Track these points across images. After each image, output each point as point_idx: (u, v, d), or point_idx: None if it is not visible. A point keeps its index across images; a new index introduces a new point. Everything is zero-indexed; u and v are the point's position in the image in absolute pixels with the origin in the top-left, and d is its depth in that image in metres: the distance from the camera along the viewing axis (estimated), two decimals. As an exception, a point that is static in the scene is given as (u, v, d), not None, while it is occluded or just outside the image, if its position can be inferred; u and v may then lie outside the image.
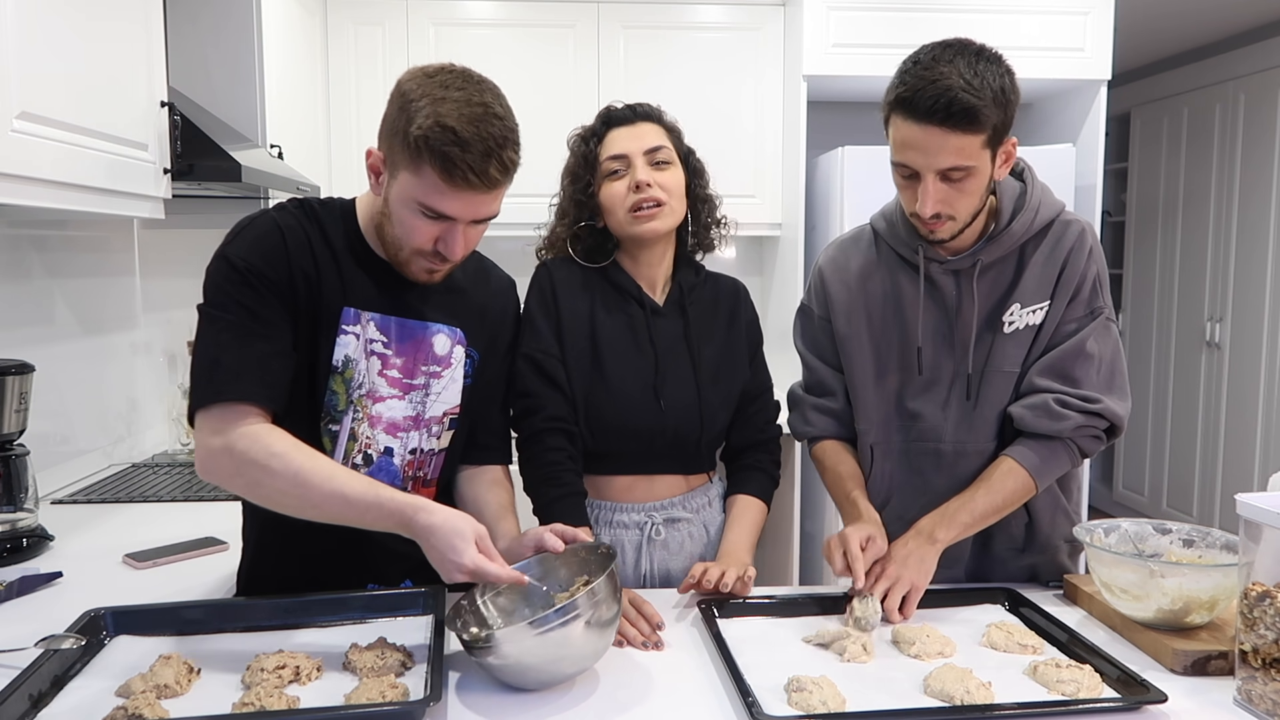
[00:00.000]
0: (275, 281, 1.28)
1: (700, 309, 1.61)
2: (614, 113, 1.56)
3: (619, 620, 1.18)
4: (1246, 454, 4.30)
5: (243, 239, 1.29)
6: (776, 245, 3.57)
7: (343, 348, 1.33)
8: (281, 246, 1.29)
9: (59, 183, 1.58)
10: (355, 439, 1.36)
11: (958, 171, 1.35)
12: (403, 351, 1.37)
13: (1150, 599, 1.26)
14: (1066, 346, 1.46)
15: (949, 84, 1.30)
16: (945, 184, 1.36)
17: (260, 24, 2.58)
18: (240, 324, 1.25)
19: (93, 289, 2.35)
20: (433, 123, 1.19)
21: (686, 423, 1.55)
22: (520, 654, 1.10)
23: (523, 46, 3.33)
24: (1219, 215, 4.44)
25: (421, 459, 1.41)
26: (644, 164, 1.51)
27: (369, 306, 1.34)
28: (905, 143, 1.35)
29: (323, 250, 1.33)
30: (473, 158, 1.19)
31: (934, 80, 1.30)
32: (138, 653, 1.20)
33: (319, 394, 1.33)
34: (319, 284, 1.31)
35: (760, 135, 3.42)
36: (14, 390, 1.71)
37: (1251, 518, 1.12)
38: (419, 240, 1.28)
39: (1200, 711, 1.11)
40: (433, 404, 1.40)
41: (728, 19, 3.38)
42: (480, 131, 1.19)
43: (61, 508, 2.01)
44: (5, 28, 1.41)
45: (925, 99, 1.30)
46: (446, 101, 1.20)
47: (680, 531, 1.58)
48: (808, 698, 1.08)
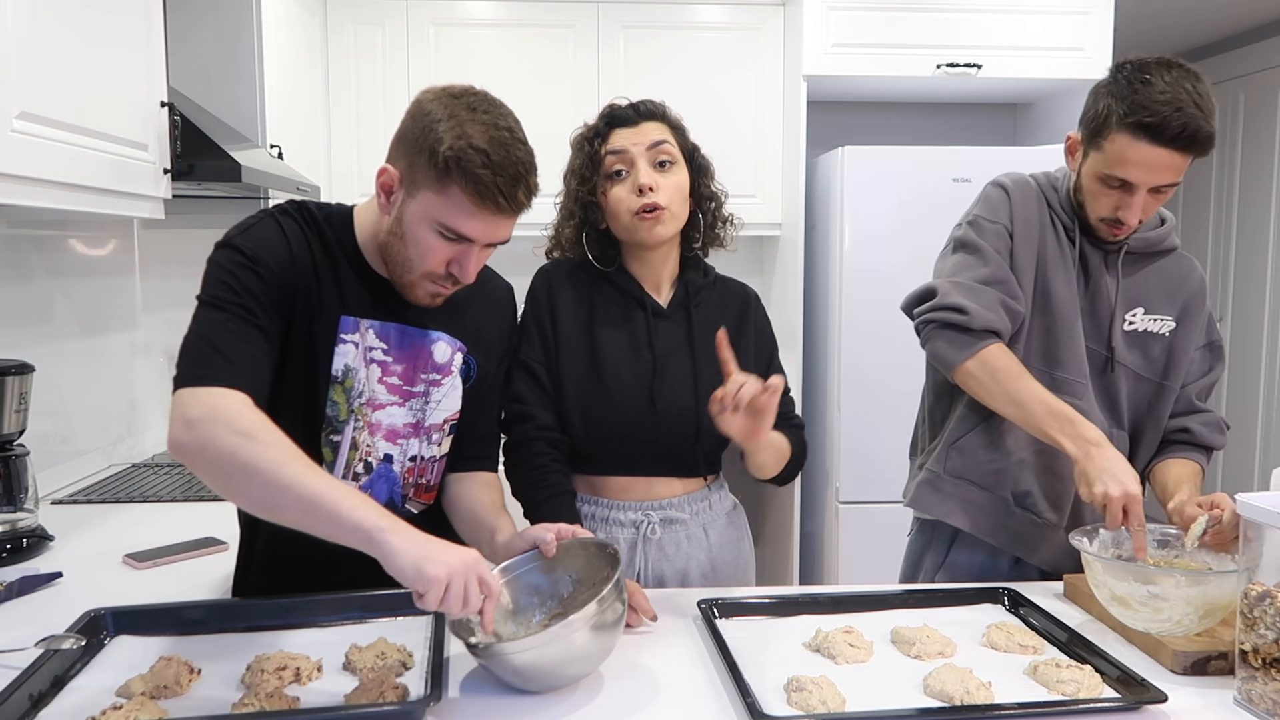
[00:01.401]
0: (280, 278, 1.25)
1: (706, 312, 1.59)
2: (617, 112, 1.55)
3: (623, 621, 1.18)
4: (1246, 454, 4.30)
5: (249, 235, 1.26)
6: (777, 245, 3.57)
7: (342, 357, 1.32)
8: (286, 247, 1.27)
9: (59, 183, 1.58)
10: (356, 448, 1.35)
11: (1169, 186, 1.46)
12: (403, 359, 1.36)
13: (1167, 609, 1.22)
14: (1214, 375, 1.66)
15: (1190, 113, 1.38)
16: (1151, 195, 1.46)
17: (260, 24, 2.58)
18: (241, 314, 1.20)
19: (93, 289, 2.35)
20: (465, 144, 1.17)
21: (681, 427, 1.54)
22: (526, 661, 1.10)
23: (523, 46, 3.33)
24: (1219, 215, 4.44)
25: (423, 466, 1.41)
26: (647, 164, 1.50)
27: (368, 314, 1.33)
28: (1134, 161, 1.43)
29: (322, 257, 1.31)
30: (504, 181, 1.19)
31: (1177, 107, 1.38)
32: (138, 653, 1.20)
33: (320, 405, 1.32)
34: (318, 290, 1.30)
35: (760, 135, 3.42)
36: (14, 390, 1.71)
37: (1252, 518, 1.12)
38: (433, 262, 1.26)
39: (1200, 711, 1.11)
40: (433, 411, 1.39)
41: (728, 19, 3.38)
42: (510, 155, 1.19)
43: (61, 508, 2.01)
44: (5, 28, 1.41)
45: (1173, 126, 1.38)
46: (474, 124, 1.19)
47: (677, 533, 1.57)
48: (808, 698, 1.08)
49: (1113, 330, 1.59)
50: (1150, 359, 1.61)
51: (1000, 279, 1.55)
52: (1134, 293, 1.61)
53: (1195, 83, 1.41)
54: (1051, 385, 1.51)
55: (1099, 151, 1.47)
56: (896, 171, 3.08)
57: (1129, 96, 1.42)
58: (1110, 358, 1.59)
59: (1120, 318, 1.60)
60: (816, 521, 3.34)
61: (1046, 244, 1.60)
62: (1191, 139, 1.39)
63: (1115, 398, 1.61)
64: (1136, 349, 1.61)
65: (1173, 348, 1.62)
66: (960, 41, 3.19)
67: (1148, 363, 1.62)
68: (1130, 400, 1.62)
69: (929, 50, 3.19)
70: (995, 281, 1.54)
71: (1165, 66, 1.43)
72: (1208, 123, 1.40)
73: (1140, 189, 1.45)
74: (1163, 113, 1.38)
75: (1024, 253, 1.58)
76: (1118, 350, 1.59)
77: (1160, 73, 1.41)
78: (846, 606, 1.40)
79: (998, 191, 1.62)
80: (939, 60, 3.18)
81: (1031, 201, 1.61)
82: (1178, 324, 1.62)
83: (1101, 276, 1.59)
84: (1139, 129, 1.40)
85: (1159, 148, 1.40)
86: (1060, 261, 1.59)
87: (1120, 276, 1.59)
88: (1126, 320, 1.60)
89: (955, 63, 3.16)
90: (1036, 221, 1.60)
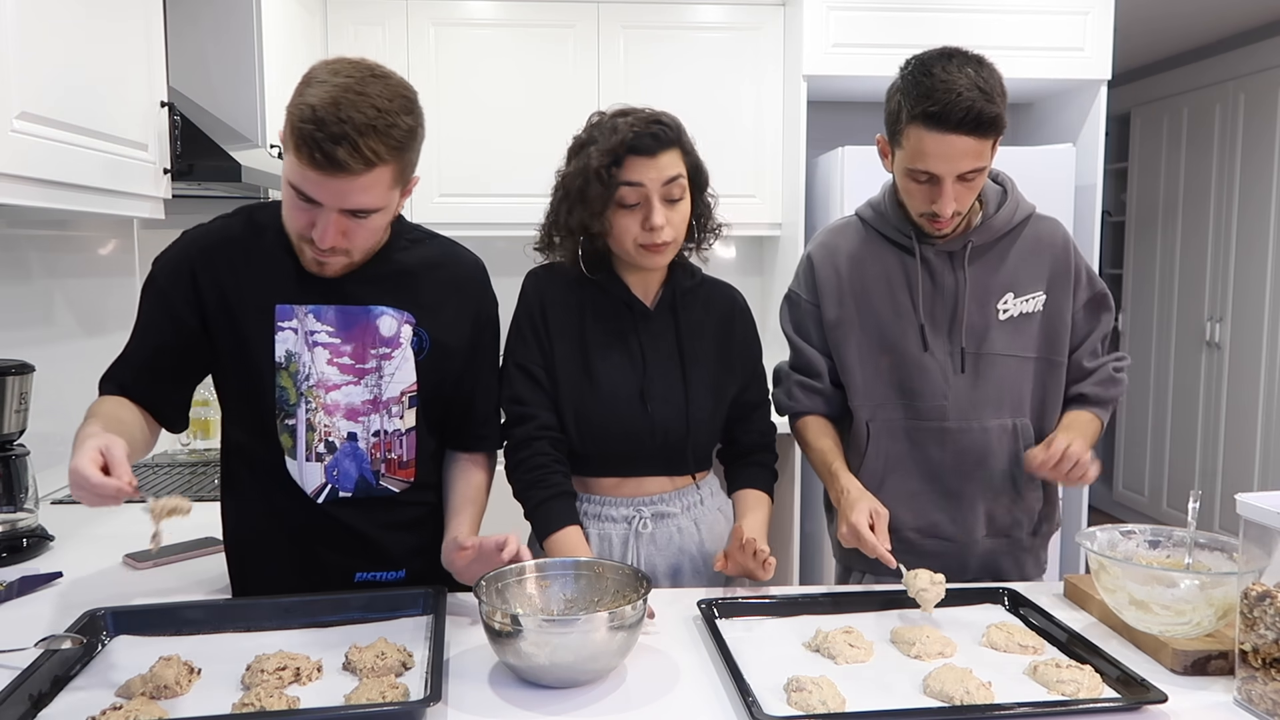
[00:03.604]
0: (174, 294, 1.38)
1: (692, 313, 1.60)
2: (634, 141, 1.44)
3: (639, 631, 1.20)
4: (1246, 454, 4.30)
5: (161, 256, 1.42)
6: (776, 245, 3.57)
7: (282, 343, 1.37)
8: (185, 263, 1.38)
9: (59, 183, 1.58)
10: (314, 429, 1.39)
11: (974, 172, 1.47)
12: (350, 338, 1.39)
13: (1189, 612, 1.21)
14: (1099, 331, 1.64)
15: (972, 96, 1.41)
16: (960, 184, 1.48)
17: (260, 24, 2.58)
18: (140, 326, 1.42)
19: (93, 289, 2.35)
20: (300, 101, 1.20)
21: (673, 427, 1.55)
22: (550, 651, 1.12)
23: (523, 46, 3.33)
24: (1219, 215, 4.44)
25: (388, 440, 1.43)
26: (660, 201, 1.46)
27: (305, 299, 1.38)
28: (930, 152, 1.45)
29: (255, 255, 1.38)
30: (323, 138, 1.18)
31: (958, 93, 1.41)
32: (138, 653, 1.20)
33: (268, 391, 1.38)
34: (239, 288, 1.37)
35: (760, 135, 3.42)
36: (14, 390, 1.71)
37: (1252, 518, 1.12)
38: (296, 224, 1.30)
39: (1200, 711, 1.11)
40: (388, 385, 1.42)
41: (728, 19, 3.38)
42: (340, 114, 1.18)
43: (61, 508, 2.01)
44: (5, 28, 1.41)
45: (955, 112, 1.41)
46: (326, 85, 1.20)
47: (669, 526, 1.58)
48: (807, 698, 1.08)
49: (979, 327, 1.59)
50: (1030, 339, 1.61)
51: (798, 363, 1.70)
52: (999, 280, 1.60)
53: (977, 68, 1.45)
54: (914, 415, 1.61)
55: (900, 149, 1.50)
56: (896, 171, 3.08)
57: (913, 90, 1.45)
58: (987, 354, 1.59)
59: (987, 317, 1.59)
60: (816, 522, 3.34)
61: (870, 286, 1.62)
62: (977, 121, 1.41)
63: (1005, 390, 1.60)
64: (1015, 334, 1.60)
65: (1049, 319, 1.61)
66: (960, 41, 3.10)
67: (1028, 344, 1.61)
68: (1024, 387, 1.62)
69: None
70: (796, 367, 1.71)
71: (947, 57, 1.46)
72: (992, 104, 1.42)
73: (946, 179, 1.46)
74: (944, 99, 1.41)
75: (838, 308, 1.63)
76: (993, 343, 1.59)
77: (941, 64, 1.45)
78: (846, 606, 1.41)
79: (803, 262, 1.72)
80: (939, 60, 3.18)
81: (841, 256, 1.65)
82: (1047, 293, 1.61)
83: (951, 278, 1.59)
84: (926, 119, 1.43)
85: (948, 135, 1.42)
86: (892, 295, 1.60)
87: (970, 274, 1.58)
88: (1000, 310, 1.59)
89: (955, 63, 3.16)
90: (849, 273, 1.63)
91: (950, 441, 1.61)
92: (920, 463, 1.63)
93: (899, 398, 1.62)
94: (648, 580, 1.24)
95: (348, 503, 1.43)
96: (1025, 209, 1.63)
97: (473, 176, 3.31)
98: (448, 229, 1.59)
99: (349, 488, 1.42)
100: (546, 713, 1.10)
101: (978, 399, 1.60)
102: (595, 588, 1.30)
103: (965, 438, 1.60)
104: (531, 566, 1.31)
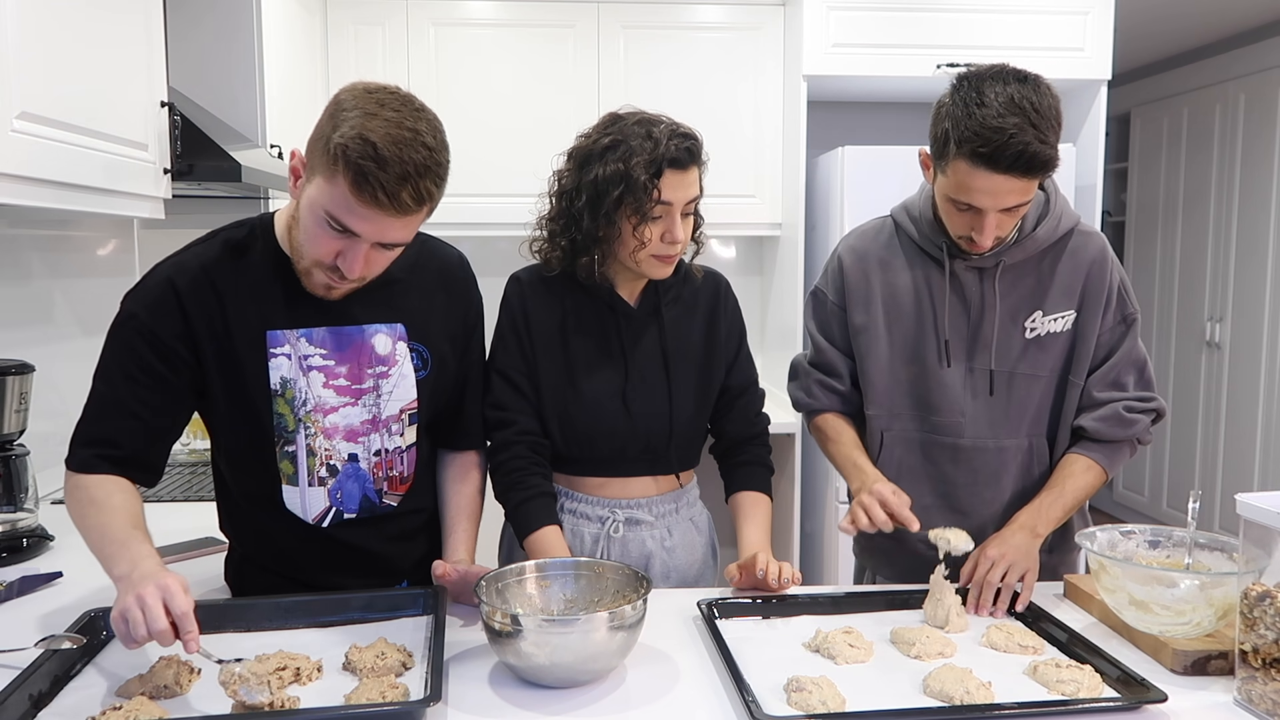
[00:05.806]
0: (161, 329, 1.30)
1: (676, 310, 1.59)
2: (672, 154, 1.43)
3: (639, 632, 1.20)
4: (1246, 454, 4.30)
5: (136, 293, 1.32)
6: (776, 245, 3.57)
7: (276, 370, 1.34)
8: (170, 295, 1.30)
9: (59, 183, 1.58)
10: (314, 454, 1.37)
11: (1020, 205, 1.41)
12: (345, 359, 1.37)
13: (1190, 612, 1.21)
14: (1118, 358, 1.55)
15: (1025, 140, 1.32)
16: (1003, 213, 1.42)
17: (260, 24, 2.58)
18: (115, 372, 1.31)
19: (93, 289, 2.35)
20: (355, 134, 1.16)
21: (656, 429, 1.56)
22: (550, 651, 1.12)
23: (523, 46, 3.33)
24: (1219, 215, 4.44)
25: (390, 459, 1.42)
26: (679, 216, 1.47)
27: (296, 324, 1.34)
28: (975, 188, 1.38)
29: (239, 282, 1.33)
30: (387, 178, 1.16)
31: (1010, 134, 1.32)
32: (138, 653, 1.19)
33: (266, 420, 1.34)
34: (225, 319, 1.32)
35: (760, 135, 3.42)
36: (14, 390, 1.71)
37: (1252, 518, 1.12)
38: (320, 251, 1.26)
39: (1200, 711, 1.11)
40: (387, 403, 1.40)
41: (728, 19, 3.38)
42: (402, 154, 1.16)
43: (62, 508, 1.98)
44: (5, 28, 1.41)
45: (1007, 156, 1.33)
46: (376, 118, 1.17)
47: (640, 533, 1.58)
48: (807, 698, 1.08)
49: (1003, 346, 1.54)
50: (1054, 358, 1.55)
51: (819, 361, 1.69)
52: (1029, 297, 1.54)
53: (1035, 98, 1.34)
54: (930, 429, 1.59)
55: (944, 175, 1.43)
56: (896, 171, 3.06)
57: (964, 121, 1.36)
58: (1008, 372, 1.54)
59: (1015, 333, 1.54)
60: (816, 521, 3.33)
61: (898, 297, 1.58)
62: (1029, 165, 1.33)
63: (1024, 409, 1.56)
64: (1039, 353, 1.54)
65: (1074, 339, 1.54)
66: (960, 41, 3.19)
67: (1052, 364, 1.55)
68: (1043, 406, 1.57)
69: (929, 50, 3.18)
70: (817, 365, 1.69)
71: (1002, 81, 1.36)
72: (1045, 144, 1.33)
73: (989, 212, 1.40)
74: (995, 140, 1.32)
75: (865, 315, 1.61)
76: (1016, 362, 1.54)
77: (994, 91, 1.35)
78: (846, 606, 1.41)
79: (832, 261, 1.69)
80: (939, 60, 3.17)
81: (872, 262, 1.62)
82: (1079, 312, 1.54)
83: (979, 296, 1.54)
84: (975, 158, 1.35)
85: (997, 175, 1.35)
86: (919, 308, 1.57)
87: (999, 292, 1.53)
88: (1028, 329, 1.54)
89: (955, 63, 3.15)
90: (879, 281, 1.60)
91: (964, 459, 1.57)
92: (932, 477, 1.60)
93: (917, 410, 1.60)
94: (648, 580, 1.24)
95: (351, 523, 1.41)
96: (1067, 223, 1.54)
97: (473, 176, 3.31)
98: (448, 229, 1.60)
99: (353, 509, 1.41)
100: (546, 713, 1.10)
101: (995, 417, 1.56)
102: (595, 588, 1.30)
103: (980, 456, 1.56)
104: (531, 566, 1.32)
